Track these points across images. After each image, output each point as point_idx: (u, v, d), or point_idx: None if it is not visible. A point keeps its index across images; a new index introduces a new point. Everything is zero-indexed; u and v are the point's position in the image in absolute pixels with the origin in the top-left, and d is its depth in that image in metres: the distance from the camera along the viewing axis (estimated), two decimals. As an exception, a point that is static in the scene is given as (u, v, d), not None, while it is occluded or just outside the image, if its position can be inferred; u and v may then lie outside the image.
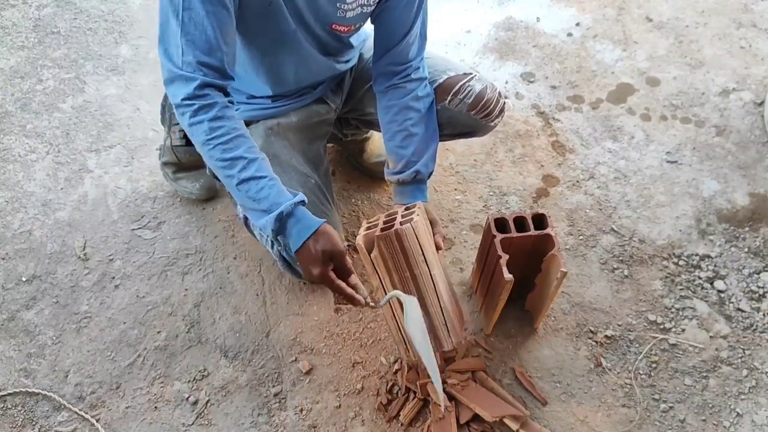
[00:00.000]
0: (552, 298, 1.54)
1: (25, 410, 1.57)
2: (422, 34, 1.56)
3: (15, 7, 2.44)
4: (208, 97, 1.26)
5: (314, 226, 1.30)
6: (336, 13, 1.41)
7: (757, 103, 2.23)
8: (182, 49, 1.24)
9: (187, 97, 1.25)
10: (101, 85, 2.22)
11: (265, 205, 1.29)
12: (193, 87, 1.25)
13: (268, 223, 1.29)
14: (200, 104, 1.26)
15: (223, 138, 1.27)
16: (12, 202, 1.92)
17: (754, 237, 1.91)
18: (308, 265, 1.30)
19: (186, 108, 1.26)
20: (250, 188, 1.29)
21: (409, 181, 1.55)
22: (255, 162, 1.30)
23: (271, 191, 1.29)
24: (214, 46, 1.24)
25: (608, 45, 2.42)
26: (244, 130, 1.32)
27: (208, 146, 1.28)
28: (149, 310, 1.73)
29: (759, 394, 1.62)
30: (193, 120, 1.27)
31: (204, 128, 1.27)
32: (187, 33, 1.23)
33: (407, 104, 1.55)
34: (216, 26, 1.23)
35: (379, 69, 1.57)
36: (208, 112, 1.26)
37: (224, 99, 1.30)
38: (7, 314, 1.71)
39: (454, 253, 1.85)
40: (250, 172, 1.28)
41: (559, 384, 1.62)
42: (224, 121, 1.28)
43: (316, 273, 1.29)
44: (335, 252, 1.29)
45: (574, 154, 2.10)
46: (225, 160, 1.28)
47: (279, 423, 1.56)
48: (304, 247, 1.30)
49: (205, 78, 1.25)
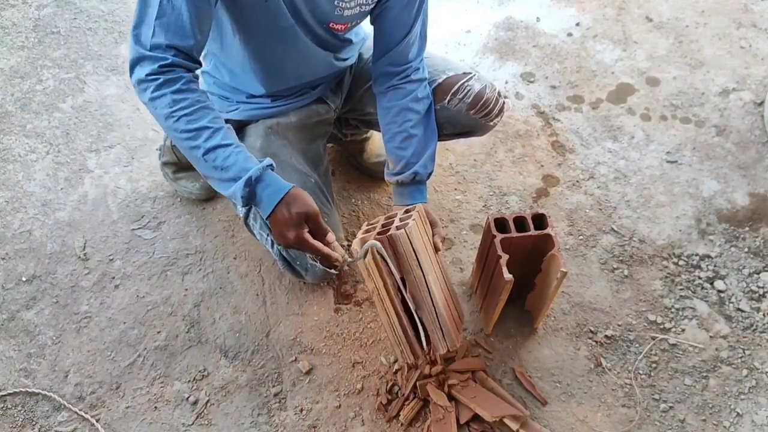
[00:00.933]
0: (552, 298, 1.54)
1: (25, 410, 1.57)
2: (422, 35, 1.56)
3: (15, 7, 2.44)
4: (172, 72, 1.24)
5: (285, 189, 1.27)
6: (334, 11, 1.41)
7: (757, 103, 2.23)
8: (154, 31, 1.22)
9: (152, 73, 1.23)
10: (101, 85, 2.22)
11: (232, 172, 1.26)
12: (159, 65, 1.23)
13: (236, 190, 1.27)
14: (164, 78, 1.24)
15: (187, 110, 1.25)
16: (12, 202, 1.92)
17: (754, 237, 1.91)
18: (282, 229, 1.27)
19: (149, 83, 1.24)
20: (216, 156, 1.26)
21: (408, 182, 1.55)
22: (220, 131, 1.27)
23: (238, 158, 1.27)
24: (188, 32, 1.23)
25: (608, 45, 2.42)
26: (208, 102, 1.29)
27: (172, 119, 1.25)
28: (149, 310, 1.73)
29: (759, 394, 1.62)
30: (156, 94, 1.24)
31: (167, 101, 1.24)
32: (162, 15, 1.22)
33: (407, 105, 1.54)
34: (193, 13, 1.22)
35: (379, 69, 1.57)
36: (172, 86, 1.24)
37: (189, 75, 1.27)
38: (7, 314, 1.71)
39: (454, 253, 1.85)
40: (216, 140, 1.26)
41: (559, 384, 1.62)
42: (188, 93, 1.25)
43: (291, 236, 1.26)
44: (309, 212, 1.27)
45: (574, 154, 2.10)
46: (189, 131, 1.25)
47: (279, 423, 1.56)
48: (276, 211, 1.27)
49: (175, 58, 1.24)
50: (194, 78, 1.29)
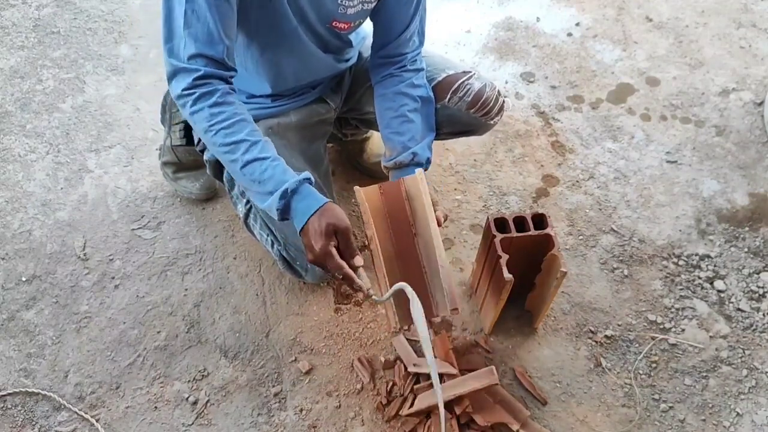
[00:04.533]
0: (552, 298, 1.55)
1: (25, 410, 1.56)
2: (420, 31, 1.56)
3: (15, 7, 2.44)
4: (208, 85, 1.26)
5: (320, 202, 1.27)
6: (337, 10, 1.41)
7: (756, 103, 2.23)
8: (185, 42, 1.24)
9: (187, 87, 1.25)
10: (101, 85, 2.22)
11: (270, 186, 1.26)
12: (193, 78, 1.24)
13: (273, 202, 1.26)
14: (200, 92, 1.25)
15: (224, 123, 1.26)
16: (12, 202, 1.92)
17: (753, 237, 1.91)
18: (311, 240, 1.25)
19: (187, 98, 1.26)
20: (254, 170, 1.27)
21: (406, 162, 1.51)
22: (258, 144, 1.28)
23: (275, 171, 1.27)
24: (216, 38, 1.24)
25: (608, 45, 2.42)
26: (246, 115, 1.30)
27: (211, 132, 1.27)
28: (149, 310, 1.73)
29: (759, 394, 1.62)
30: (194, 108, 1.26)
31: (205, 115, 1.25)
32: (189, 26, 1.23)
33: (402, 90, 1.53)
34: (218, 19, 1.23)
35: (376, 61, 1.57)
36: (209, 99, 1.25)
37: (225, 86, 1.28)
38: (7, 314, 1.71)
39: (454, 253, 1.85)
40: (254, 154, 1.26)
41: (559, 384, 1.62)
42: (225, 106, 1.27)
43: (318, 248, 1.24)
44: (340, 226, 1.25)
45: (574, 154, 2.10)
46: (227, 144, 1.27)
47: (279, 423, 1.56)
48: (309, 222, 1.25)
49: (207, 69, 1.25)
50: (231, 90, 1.30)
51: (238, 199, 1.60)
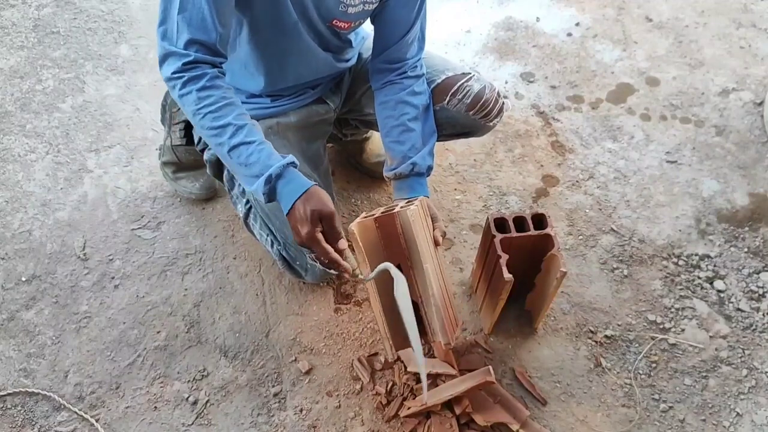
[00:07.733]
0: (552, 298, 1.55)
1: (25, 410, 1.57)
2: (421, 35, 1.56)
3: (15, 7, 2.44)
4: (197, 69, 1.27)
5: (305, 186, 1.29)
6: (338, 8, 1.41)
7: (756, 103, 2.23)
8: (177, 26, 1.25)
9: (177, 71, 1.27)
10: (101, 85, 2.22)
11: (256, 169, 1.29)
12: (183, 62, 1.26)
13: (258, 186, 1.29)
14: (189, 76, 1.27)
15: (212, 107, 1.28)
16: (12, 202, 1.92)
17: (753, 237, 1.91)
18: (297, 225, 1.29)
19: (176, 81, 1.27)
20: (240, 154, 1.29)
21: (406, 174, 1.53)
22: (244, 128, 1.30)
23: (261, 155, 1.29)
24: (209, 25, 1.26)
25: (608, 45, 2.42)
26: (234, 98, 1.32)
27: (198, 116, 1.29)
28: (149, 310, 1.73)
29: (759, 394, 1.63)
30: (182, 91, 1.27)
31: (193, 98, 1.27)
32: (183, 11, 1.24)
33: (403, 99, 1.54)
34: (212, 6, 1.24)
35: (376, 66, 1.57)
36: (197, 83, 1.27)
37: (214, 70, 1.30)
38: (6, 314, 1.71)
39: (454, 253, 1.85)
40: (240, 138, 1.28)
41: (558, 384, 1.62)
42: (213, 90, 1.28)
43: (304, 233, 1.27)
44: (324, 212, 1.27)
45: (574, 154, 2.10)
46: (214, 128, 1.29)
47: (279, 423, 1.56)
48: (294, 207, 1.28)
49: (197, 54, 1.27)
50: (220, 73, 1.31)
51: (238, 198, 1.61)
